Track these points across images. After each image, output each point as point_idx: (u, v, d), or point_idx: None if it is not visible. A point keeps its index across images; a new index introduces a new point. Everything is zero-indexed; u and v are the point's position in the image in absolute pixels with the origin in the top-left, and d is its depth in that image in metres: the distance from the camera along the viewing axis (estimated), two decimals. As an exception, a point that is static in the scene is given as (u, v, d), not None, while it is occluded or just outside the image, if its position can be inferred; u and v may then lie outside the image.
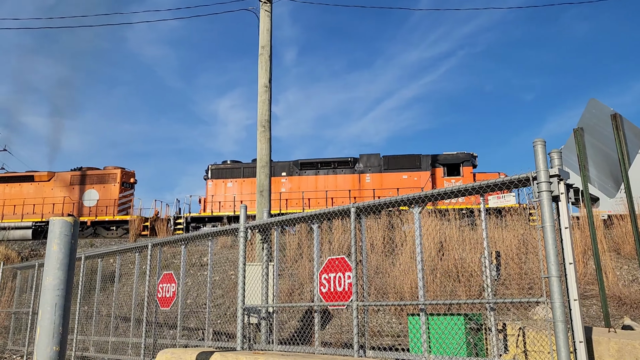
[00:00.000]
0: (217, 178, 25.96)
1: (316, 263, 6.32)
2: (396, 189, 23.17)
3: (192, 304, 13.11)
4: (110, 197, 26.13)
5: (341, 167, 24.99)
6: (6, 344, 13.71)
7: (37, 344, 2.95)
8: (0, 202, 26.56)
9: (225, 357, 5.34)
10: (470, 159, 23.47)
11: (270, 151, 11.60)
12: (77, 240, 3.23)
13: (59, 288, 3.02)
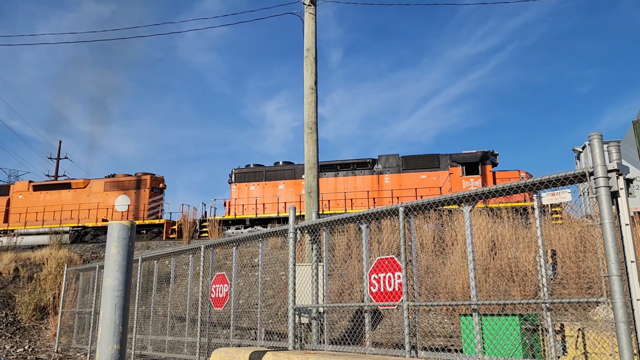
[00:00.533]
0: (240, 182, 26.35)
1: (365, 263, 6.31)
2: (414, 190, 23.06)
3: (244, 304, 13.35)
4: (141, 202, 27.14)
5: (360, 169, 24.96)
6: (71, 343, 14.39)
7: (99, 342, 3.10)
8: (41, 208, 28.04)
9: (278, 356, 5.42)
10: (490, 157, 23.01)
11: (317, 152, 11.66)
12: (134, 243, 3.36)
13: (118, 289, 3.15)
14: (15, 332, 15.27)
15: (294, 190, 25.31)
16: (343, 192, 24.48)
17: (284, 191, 25.48)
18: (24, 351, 14.02)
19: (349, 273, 12.66)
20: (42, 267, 18.54)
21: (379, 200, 23.86)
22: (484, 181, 22.48)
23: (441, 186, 22.90)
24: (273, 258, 15.33)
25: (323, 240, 7.23)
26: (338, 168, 25.20)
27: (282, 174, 26.09)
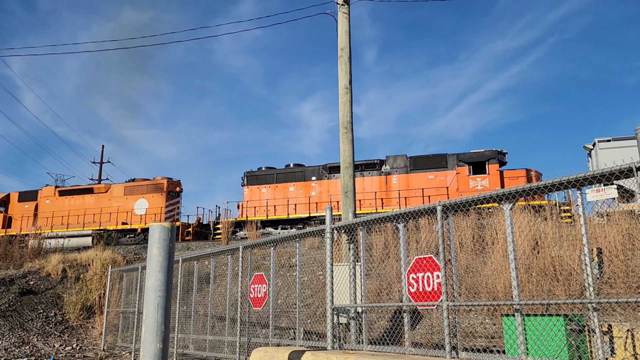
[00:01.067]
0: (252, 184, 26.78)
1: (403, 263, 6.25)
2: (421, 190, 23.06)
3: (283, 304, 13.45)
4: (158, 206, 27.95)
5: (368, 170, 24.95)
6: (116, 341, 14.82)
7: (142, 341, 3.17)
8: (65, 212, 29.21)
9: (317, 356, 5.43)
10: (497, 156, 22.76)
11: (353, 152, 11.63)
12: (175, 244, 3.43)
13: (160, 289, 3.23)
14: (63, 330, 15.84)
15: (303, 192, 25.62)
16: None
17: (294, 193, 25.79)
18: (72, 349, 14.53)
19: (387, 273, 12.58)
20: (87, 268, 19.17)
21: (387, 200, 23.93)
22: (491, 180, 22.40)
23: (448, 186, 22.91)
24: (310, 258, 15.38)
25: (360, 240, 7.20)
26: None
27: (293, 176, 26.41)
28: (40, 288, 17.88)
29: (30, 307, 16.50)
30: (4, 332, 14.56)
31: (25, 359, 13.04)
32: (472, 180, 22.75)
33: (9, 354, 13.40)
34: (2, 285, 17.14)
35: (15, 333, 14.72)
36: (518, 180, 21.83)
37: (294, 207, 25.05)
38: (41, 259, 20.84)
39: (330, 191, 25.03)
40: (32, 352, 13.76)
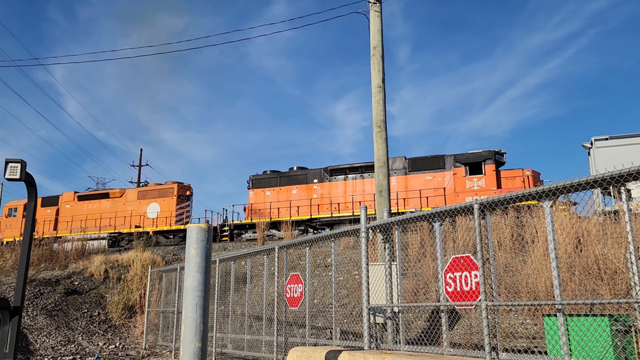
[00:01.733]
0: (257, 187, 27.35)
1: (440, 262, 6.17)
2: (419, 191, 23.23)
3: (319, 304, 13.48)
4: (169, 209, 28.92)
5: (368, 172, 25.02)
6: (157, 340, 15.16)
7: (182, 340, 3.23)
8: (83, 216, 30.52)
9: (353, 356, 5.42)
10: (493, 156, 22.60)
11: (387, 151, 11.56)
12: (212, 245, 3.48)
13: (198, 289, 3.28)
14: (107, 329, 16.31)
15: (306, 194, 26.10)
16: (353, 195, 24.80)
17: (297, 195, 26.27)
18: (115, 348, 14.94)
19: (424, 272, 12.45)
20: (128, 268, 19.68)
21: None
22: (487, 181, 22.39)
23: (445, 187, 23.03)
24: (346, 258, 15.36)
25: (395, 239, 7.15)
26: (347, 172, 25.66)
27: (296, 179, 26.84)
28: (84, 288, 18.46)
29: (75, 306, 17.06)
30: (50, 330, 15.10)
31: (71, 357, 13.49)
32: (468, 181, 22.83)
33: (55, 352, 13.89)
34: (49, 286, 17.77)
35: (61, 332, 15.24)
36: (515, 180, 21.90)
37: (297, 209, 25.64)
38: (84, 260, 21.52)
39: (331, 193, 25.58)
40: (77, 351, 14.22)
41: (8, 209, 33.52)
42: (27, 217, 5.18)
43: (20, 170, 4.83)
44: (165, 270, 15.64)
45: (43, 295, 16.96)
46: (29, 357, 13.00)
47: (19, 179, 4.84)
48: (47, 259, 21.81)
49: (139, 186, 40.33)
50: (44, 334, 14.79)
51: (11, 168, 4.83)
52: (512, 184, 21.73)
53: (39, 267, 20.63)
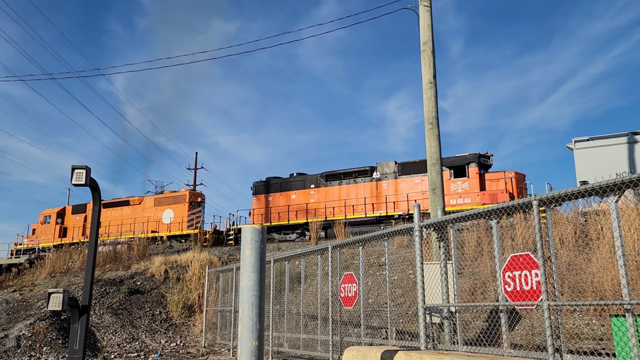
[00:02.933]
0: (259, 193, 28.86)
1: (498, 261, 6.00)
2: (406, 194, 24.19)
3: (374, 303, 13.40)
4: (181, 215, 30.74)
5: (361, 176, 26.14)
6: (215, 339, 15.54)
7: (239, 338, 3.29)
8: (107, 222, 32.66)
9: (410, 356, 5.35)
10: (477, 159, 23.16)
11: (439, 148, 11.35)
12: (266, 245, 3.53)
13: (254, 289, 3.33)
14: (168, 328, 16.87)
15: (304, 199, 27.26)
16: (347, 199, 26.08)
17: (295, 200, 27.55)
18: (177, 345, 15.43)
19: (481, 271, 12.14)
20: (186, 269, 20.28)
21: (377, 205, 24.95)
22: (471, 183, 22.97)
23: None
24: (400, 257, 15.21)
25: (451, 237, 7.01)
26: (342, 177, 26.74)
27: (295, 185, 28.11)
28: (146, 288, 19.17)
29: (138, 305, 17.74)
30: (116, 328, 15.78)
31: (135, 354, 14.04)
32: (452, 184, 23.45)
33: (121, 349, 14.50)
34: (113, 286, 18.58)
35: (126, 330, 15.89)
36: (498, 182, 22.38)
37: (295, 214, 26.85)
38: (146, 260, 22.35)
39: (327, 197, 26.79)
40: (141, 348, 14.79)
41: (43, 217, 36.24)
42: (92, 221, 5.43)
43: (85, 176, 5.07)
44: (222, 271, 16.00)
45: (108, 295, 17.75)
46: (96, 354, 13.64)
47: (84, 184, 5.08)
48: (111, 260, 22.82)
49: (194, 189, 41.65)
50: (110, 332, 15.47)
51: (77, 174, 5.07)
52: (495, 186, 22.37)
53: (104, 267, 21.62)
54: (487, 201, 22.16)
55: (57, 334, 14.09)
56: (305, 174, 28.35)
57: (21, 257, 29.14)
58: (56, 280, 20.33)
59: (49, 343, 13.58)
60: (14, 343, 13.11)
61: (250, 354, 3.21)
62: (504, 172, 22.48)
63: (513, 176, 22.18)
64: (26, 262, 26.28)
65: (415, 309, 6.99)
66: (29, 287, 19.52)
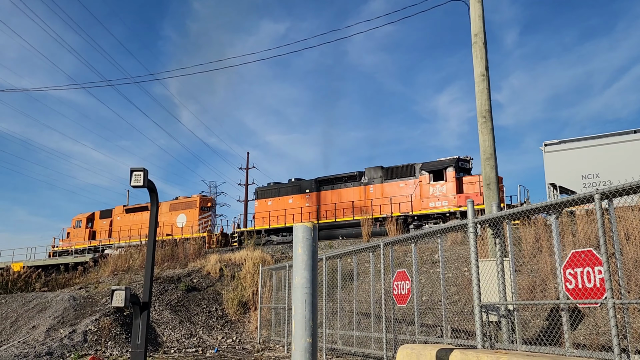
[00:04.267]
0: (261, 198, 30.90)
1: (557, 257, 5.77)
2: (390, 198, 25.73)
3: (428, 301, 13.21)
4: (192, 219, 32.98)
5: (350, 181, 27.72)
6: (270, 335, 15.78)
7: (293, 335, 3.33)
8: (129, 226, 35.42)
9: (466, 354, 5.24)
10: (455, 163, 24.34)
11: (493, 142, 11.04)
12: (317, 243, 3.55)
13: (307, 286, 3.35)
14: (224, 324, 17.28)
15: (299, 203, 29.14)
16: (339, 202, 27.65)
17: (292, 204, 29.39)
18: (232, 342, 15.78)
19: (540, 268, 11.73)
20: (241, 267, 20.69)
21: (365, 208, 26.30)
22: (448, 187, 24.21)
23: (412, 193, 25.28)
24: (454, 254, 14.92)
25: (507, 233, 6.80)
26: (334, 182, 28.41)
27: (292, 190, 29.98)
28: (203, 285, 19.70)
29: (195, 302, 18.26)
30: (175, 324, 16.30)
31: (194, 349, 14.46)
32: (432, 187, 24.76)
33: (180, 344, 14.97)
34: (172, 283, 19.21)
35: (184, 326, 16.40)
36: (475, 185, 23.51)
37: (292, 217, 28.60)
38: (201, 259, 22.97)
39: (320, 201, 28.55)
40: (199, 343, 15.22)
41: (75, 221, 39.58)
42: (151, 221, 5.62)
43: (143, 178, 5.26)
44: (275, 268, 16.21)
45: (167, 292, 18.36)
46: (157, 349, 14.15)
47: (142, 186, 5.27)
48: (169, 258, 23.60)
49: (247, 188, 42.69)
50: (170, 328, 16.00)
51: (135, 176, 5.27)
52: (472, 189, 23.52)
53: (162, 266, 22.38)
54: (462, 204, 23.27)
55: (121, 329, 14.71)
56: (302, 179, 30.29)
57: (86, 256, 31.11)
58: (118, 278, 21.24)
59: (114, 338, 14.20)
60: (82, 338, 13.79)
61: (304, 350, 3.24)
62: (478, 176, 23.50)
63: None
64: (91, 261, 27.61)
65: (471, 307, 6.84)
66: (94, 284, 20.49)
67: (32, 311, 16.67)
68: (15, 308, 17.51)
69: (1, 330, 15.88)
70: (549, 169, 21.29)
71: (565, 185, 20.73)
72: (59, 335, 13.84)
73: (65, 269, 28.74)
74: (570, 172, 20.75)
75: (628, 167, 18.94)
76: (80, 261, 30.20)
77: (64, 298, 17.04)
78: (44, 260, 34.34)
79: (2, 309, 17.76)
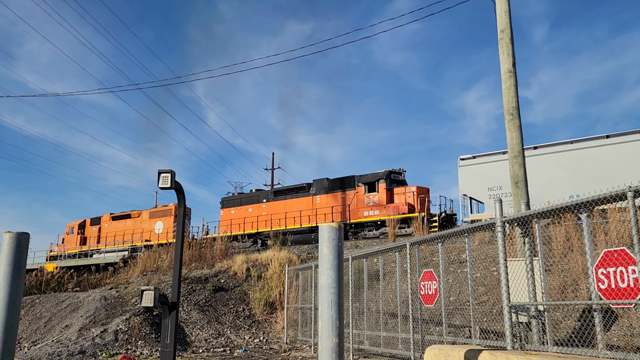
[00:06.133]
0: (225, 207, 33.23)
1: (589, 257, 5.64)
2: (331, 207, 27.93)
3: (455, 302, 13.06)
4: (168, 226, 35.32)
5: (301, 192, 30.12)
6: (297, 335, 15.82)
7: (320, 335, 3.33)
8: (114, 233, 38.07)
9: (495, 356, 5.16)
10: (385, 176, 26.59)
11: (521, 140, 10.85)
12: (343, 243, 3.54)
13: (333, 286, 3.35)
14: (251, 324, 17.40)
15: (257, 212, 31.68)
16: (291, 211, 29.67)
17: (251, 213, 31.93)
18: (260, 341, 15.88)
19: (571, 268, 11.48)
20: (267, 267, 20.80)
21: (312, 217, 28.62)
22: (380, 197, 26.42)
23: (350, 203, 27.57)
24: (482, 254, 14.72)
25: (536, 233, 6.68)
26: (286, 193, 31.09)
27: (251, 200, 32.68)
28: (230, 285, 19.88)
29: (223, 302, 18.44)
30: (203, 324, 16.49)
31: (222, 349, 14.60)
32: (366, 198, 26.98)
33: (208, 344, 15.14)
34: (199, 283, 19.44)
35: (212, 325, 16.58)
36: (403, 195, 26.01)
37: (251, 225, 31.24)
38: (228, 259, 23.18)
39: (275, 210, 30.88)
40: (227, 343, 15.36)
41: (69, 228, 42.52)
42: (178, 222, 5.70)
43: (170, 180, 5.34)
44: (301, 269, 16.25)
45: (195, 292, 18.59)
46: (186, 348, 14.34)
47: (169, 188, 5.34)
48: (196, 259, 23.88)
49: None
50: (198, 327, 16.20)
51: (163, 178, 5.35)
52: (401, 199, 25.91)
53: (190, 266, 22.67)
54: (391, 213, 25.64)
55: (150, 329, 14.96)
56: (262, 190, 33.63)
57: (116, 257, 32.28)
58: (147, 278, 21.60)
59: (143, 337, 14.45)
60: (113, 337, 14.07)
61: (330, 350, 3.24)
62: (404, 187, 26.29)
63: (414, 190, 25.84)
64: (120, 262, 28.17)
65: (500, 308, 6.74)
66: (124, 284, 20.88)
67: (65, 311, 17.08)
68: (49, 308, 17.97)
69: (36, 329, 16.32)
70: (462, 181, 23.72)
71: (475, 196, 23.41)
72: (91, 335, 14.15)
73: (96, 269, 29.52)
74: (479, 184, 23.17)
75: (529, 180, 20.43)
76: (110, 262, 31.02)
77: (95, 298, 17.42)
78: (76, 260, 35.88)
79: (37, 309, 18.25)
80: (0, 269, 4.03)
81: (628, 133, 19.70)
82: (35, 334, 15.89)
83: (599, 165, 19.79)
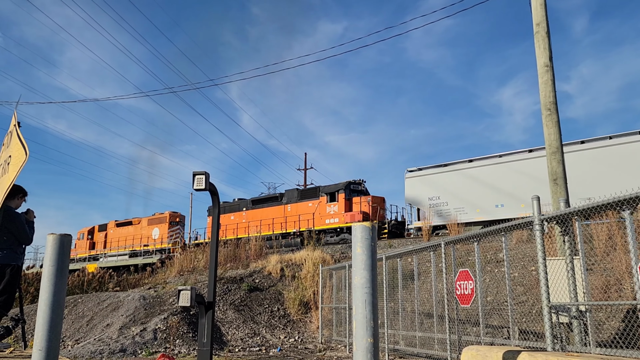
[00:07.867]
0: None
1: (633, 255, 5.44)
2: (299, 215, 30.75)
3: (493, 302, 12.82)
4: (162, 232, 38.59)
5: (275, 201, 32.93)
6: (332, 335, 15.83)
7: (354, 335, 3.31)
8: (118, 238, 41.29)
9: (535, 357, 5.03)
10: (345, 187, 29.35)
11: (559, 135, 10.56)
12: (377, 243, 3.51)
13: (367, 286, 3.33)
14: (286, 324, 17.50)
15: (238, 219, 34.41)
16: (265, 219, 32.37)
17: (233, 220, 34.61)
18: (295, 341, 15.95)
19: (615, 267, 11.11)
20: (301, 267, 20.88)
21: (284, 224, 31.39)
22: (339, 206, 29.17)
23: (314, 212, 30.29)
24: (520, 253, 14.40)
25: (577, 231, 6.48)
26: (264, 202, 33.81)
27: (233, 208, 35.30)
28: (264, 285, 20.05)
29: (258, 302, 18.61)
30: (239, 324, 16.68)
31: (257, 348, 14.74)
32: (327, 207, 29.84)
33: (244, 343, 15.30)
34: (235, 283, 19.67)
35: (247, 325, 16.75)
36: (360, 204, 28.59)
37: (233, 231, 33.59)
38: (262, 259, 23.38)
39: (253, 218, 33.49)
40: (262, 342, 15.50)
41: (80, 234, 45.94)
42: (213, 223, 5.78)
43: (205, 181, 5.41)
44: (335, 268, 16.24)
45: (230, 292, 18.82)
46: (222, 347, 14.53)
47: (204, 189, 5.42)
48: (231, 259, 24.18)
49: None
50: (234, 327, 16.39)
51: (197, 180, 5.42)
52: (359, 208, 28.47)
53: (225, 266, 22.97)
54: (348, 220, 28.27)
55: (188, 328, 15.23)
56: (243, 199, 35.92)
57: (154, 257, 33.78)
58: (184, 278, 21.99)
59: (181, 336, 14.71)
60: (152, 335, 14.39)
61: (365, 350, 3.22)
62: (360, 197, 28.89)
63: (370, 200, 28.29)
64: (158, 262, 28.81)
65: (540, 308, 6.57)
66: (162, 284, 21.32)
67: (106, 310, 17.56)
68: (91, 307, 18.51)
69: (78, 327, 16.83)
70: (408, 191, 26.03)
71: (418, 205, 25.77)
72: (131, 333, 14.50)
73: (135, 269, 30.46)
74: (421, 194, 25.51)
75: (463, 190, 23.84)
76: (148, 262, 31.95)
77: (134, 297, 17.85)
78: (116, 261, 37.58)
79: (79, 308, 18.83)
80: (44, 270, 4.17)
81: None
82: (78, 333, 16.39)
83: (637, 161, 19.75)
